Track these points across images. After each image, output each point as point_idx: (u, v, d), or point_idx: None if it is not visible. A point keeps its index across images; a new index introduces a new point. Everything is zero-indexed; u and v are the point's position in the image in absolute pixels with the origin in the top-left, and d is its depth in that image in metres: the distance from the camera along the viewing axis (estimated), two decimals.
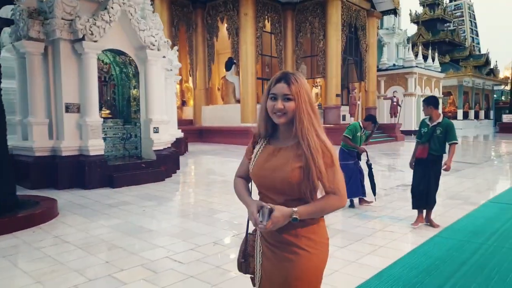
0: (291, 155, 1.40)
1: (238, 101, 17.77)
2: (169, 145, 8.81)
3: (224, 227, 4.67)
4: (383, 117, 21.30)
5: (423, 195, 4.48)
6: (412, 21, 44.05)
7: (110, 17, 7.07)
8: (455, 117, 34.46)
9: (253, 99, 16.74)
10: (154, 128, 7.97)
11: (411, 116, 22.88)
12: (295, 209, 1.35)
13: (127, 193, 6.51)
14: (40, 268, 3.36)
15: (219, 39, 18.16)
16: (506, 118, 28.01)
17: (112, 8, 7.09)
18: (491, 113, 43.94)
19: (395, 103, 20.54)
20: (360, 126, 5.49)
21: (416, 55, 25.57)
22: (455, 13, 55.39)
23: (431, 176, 4.48)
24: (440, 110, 4.78)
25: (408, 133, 20.93)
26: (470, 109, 39.32)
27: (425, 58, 26.69)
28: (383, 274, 3.13)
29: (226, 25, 17.73)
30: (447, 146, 4.46)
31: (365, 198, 5.55)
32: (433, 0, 43.67)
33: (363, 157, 5.64)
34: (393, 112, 20.56)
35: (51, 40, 6.90)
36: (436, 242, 3.94)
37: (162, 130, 8.23)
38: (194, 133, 17.42)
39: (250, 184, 1.63)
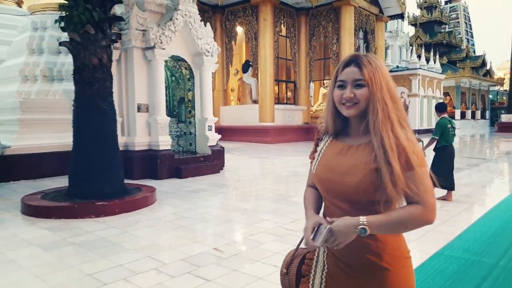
0: (366, 155, 1.17)
1: (254, 102, 18.68)
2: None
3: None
4: None
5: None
6: (410, 23, 45.23)
7: (175, 27, 7.96)
8: (452, 117, 35.66)
9: (271, 100, 17.65)
10: (209, 126, 8.87)
11: (415, 115, 24.00)
12: (363, 218, 1.11)
13: (197, 182, 7.41)
14: (181, 235, 4.26)
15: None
16: (505, 118, 29.20)
17: (177, 19, 7.98)
18: (487, 113, 45.26)
19: (403, 103, 21.60)
20: None
21: (419, 57, 26.72)
22: (451, 15, 56.81)
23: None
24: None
25: (417, 131, 22.01)
26: (467, 109, 40.56)
27: (426, 60, 27.83)
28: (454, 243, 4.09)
29: (244, 29, 18.63)
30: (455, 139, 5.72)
31: None
32: (430, 2, 44.93)
33: None
34: None
35: (125, 48, 7.76)
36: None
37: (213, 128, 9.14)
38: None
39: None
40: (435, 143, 5.87)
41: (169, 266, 3.27)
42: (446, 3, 59.49)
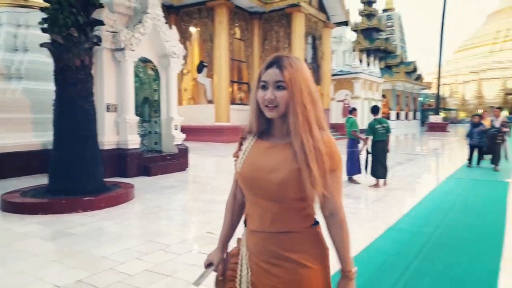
0: (289, 154, 1.17)
1: (209, 102, 19.13)
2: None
3: None
4: (336, 117, 23.93)
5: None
6: (352, 29, 48.07)
7: (145, 29, 8.26)
8: (388, 118, 38.71)
9: (227, 101, 18.22)
10: (175, 125, 9.25)
11: (358, 116, 25.91)
12: (347, 272, 1.25)
13: (167, 179, 7.79)
14: (171, 223, 4.74)
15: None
16: (433, 118, 32.33)
17: (146, 22, 8.29)
18: (418, 114, 49.45)
19: (346, 105, 23.24)
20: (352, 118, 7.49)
21: (360, 62, 28.76)
22: (387, 23, 61.19)
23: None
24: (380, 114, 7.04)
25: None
26: (401, 110, 44.10)
27: (367, 64, 30.02)
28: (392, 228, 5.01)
29: (199, 30, 18.98)
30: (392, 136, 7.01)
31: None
32: (370, 11, 48.06)
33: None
34: (345, 113, 23.23)
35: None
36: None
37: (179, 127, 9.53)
38: None
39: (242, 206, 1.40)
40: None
41: (173, 247, 3.76)
42: (383, 11, 63.96)
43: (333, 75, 26.66)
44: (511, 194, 6.40)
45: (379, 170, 6.91)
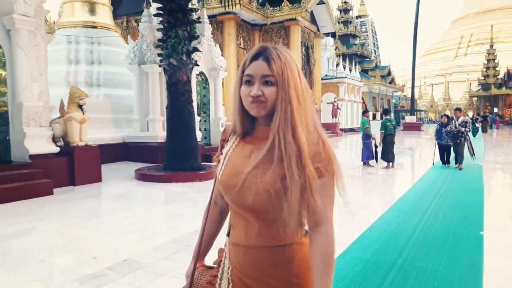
0: (273, 158, 1.01)
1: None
2: None
3: None
4: (326, 117, 26.78)
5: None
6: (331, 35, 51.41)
7: (202, 49, 10.60)
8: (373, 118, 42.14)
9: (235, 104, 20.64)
10: (221, 123, 11.62)
11: (343, 117, 28.88)
12: None
13: None
14: None
15: None
16: (408, 119, 35.82)
17: (204, 43, 10.64)
18: (392, 115, 53.32)
19: (335, 107, 26.12)
20: (365, 119, 10.13)
21: (344, 68, 31.83)
22: (362, 29, 65.26)
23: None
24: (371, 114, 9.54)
25: (344, 130, 26.72)
26: (376, 111, 47.67)
27: (344, 68, 33.16)
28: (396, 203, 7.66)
29: None
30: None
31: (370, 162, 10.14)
32: (346, 18, 51.49)
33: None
34: (334, 114, 26.11)
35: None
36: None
37: None
38: None
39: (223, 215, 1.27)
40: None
41: None
42: (356, 18, 67.96)
43: (321, 79, 29.54)
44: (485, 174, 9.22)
45: (389, 156, 9.56)
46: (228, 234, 1.18)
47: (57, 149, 6.91)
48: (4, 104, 6.60)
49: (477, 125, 24.65)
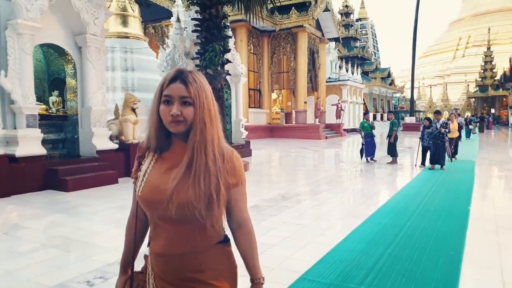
0: (190, 174, 1.13)
1: None
2: None
3: None
4: (330, 118, 28.12)
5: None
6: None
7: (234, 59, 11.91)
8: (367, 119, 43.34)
9: (246, 104, 21.95)
10: (242, 124, 12.94)
11: (346, 117, 30.23)
12: (257, 279, 1.27)
13: (249, 161, 11.48)
14: (267, 185, 8.52)
15: None
16: (408, 119, 37.10)
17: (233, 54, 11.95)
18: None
19: (339, 108, 27.43)
20: (365, 121, 11.46)
21: (346, 71, 33.19)
22: (362, 31, 66.60)
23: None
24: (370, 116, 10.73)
25: (346, 130, 28.05)
26: (377, 112, 49.00)
27: (346, 71, 34.51)
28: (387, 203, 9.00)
29: None
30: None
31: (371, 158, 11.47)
32: (347, 22, 52.82)
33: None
34: (338, 115, 27.42)
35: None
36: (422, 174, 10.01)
37: None
38: None
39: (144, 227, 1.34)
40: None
41: (268, 200, 7.52)
42: (356, 20, 69.30)
43: (325, 81, 30.90)
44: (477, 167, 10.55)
45: (395, 152, 10.91)
46: (148, 245, 1.26)
47: (116, 146, 8.21)
48: (74, 108, 7.92)
49: (470, 126, 24.17)
